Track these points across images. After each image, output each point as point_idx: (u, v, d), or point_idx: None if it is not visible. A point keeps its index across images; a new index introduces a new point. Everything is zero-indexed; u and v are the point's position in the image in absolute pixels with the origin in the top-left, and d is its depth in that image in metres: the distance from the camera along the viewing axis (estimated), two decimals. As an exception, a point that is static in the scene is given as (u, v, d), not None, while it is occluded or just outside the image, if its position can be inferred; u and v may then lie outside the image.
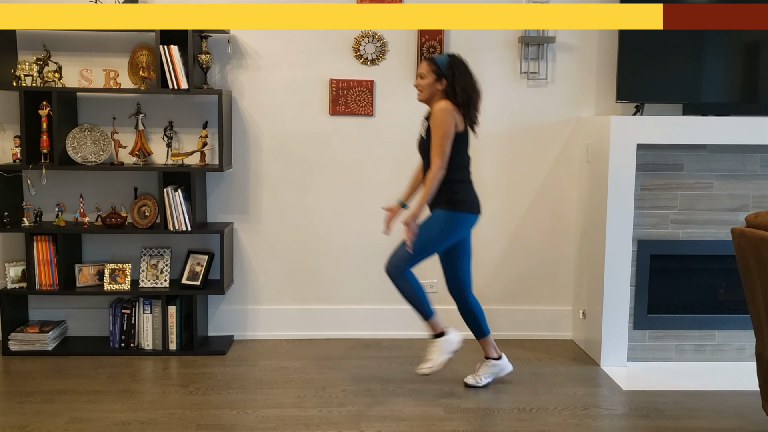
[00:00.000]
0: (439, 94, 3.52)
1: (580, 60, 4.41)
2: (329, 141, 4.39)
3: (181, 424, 3.26)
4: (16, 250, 4.30)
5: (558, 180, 4.49)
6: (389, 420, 3.34)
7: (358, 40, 4.33)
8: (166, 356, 4.14)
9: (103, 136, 4.17)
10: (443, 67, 3.49)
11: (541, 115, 4.44)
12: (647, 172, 4.07)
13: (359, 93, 4.35)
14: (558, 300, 4.57)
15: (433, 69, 3.51)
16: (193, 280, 4.22)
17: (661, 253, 4.13)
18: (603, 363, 4.08)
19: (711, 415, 3.46)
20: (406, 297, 3.59)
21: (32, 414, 3.35)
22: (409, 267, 3.56)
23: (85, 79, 4.13)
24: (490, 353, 3.79)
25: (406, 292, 3.58)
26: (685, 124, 4.00)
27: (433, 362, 3.63)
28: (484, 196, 4.46)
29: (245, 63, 4.32)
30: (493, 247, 4.52)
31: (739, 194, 4.12)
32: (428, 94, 3.54)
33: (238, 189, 4.40)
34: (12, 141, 4.17)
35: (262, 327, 4.47)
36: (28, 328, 4.18)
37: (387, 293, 4.51)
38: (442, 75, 3.49)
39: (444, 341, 3.65)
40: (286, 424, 3.28)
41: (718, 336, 4.19)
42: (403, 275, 3.55)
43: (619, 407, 3.55)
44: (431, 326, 3.66)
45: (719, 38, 4.15)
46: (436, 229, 3.56)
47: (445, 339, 3.66)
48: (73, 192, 4.30)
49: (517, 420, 3.36)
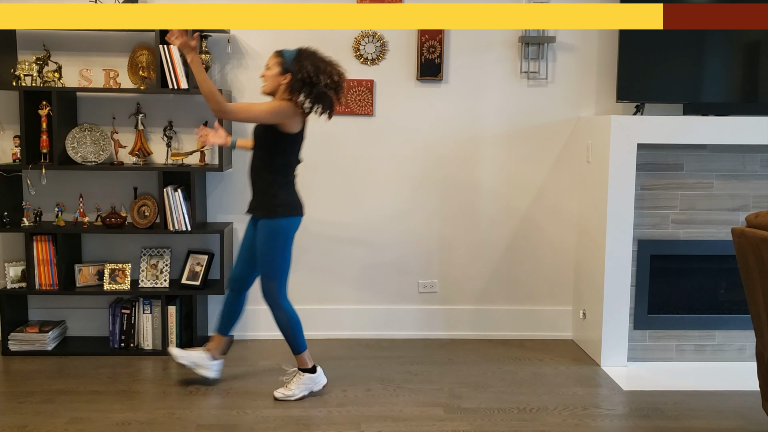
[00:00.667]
0: (283, 87, 3.42)
1: (580, 60, 4.41)
2: (329, 141, 4.39)
3: (181, 424, 3.26)
4: (15, 250, 4.30)
5: (558, 180, 4.48)
6: (389, 420, 3.34)
7: (358, 40, 4.33)
8: (166, 356, 4.13)
9: (103, 135, 4.17)
10: (289, 61, 3.40)
11: (541, 115, 4.44)
12: (647, 172, 4.07)
13: (359, 93, 4.35)
14: (558, 300, 4.57)
15: (278, 62, 3.41)
16: (193, 280, 4.22)
17: (661, 253, 4.13)
18: (603, 363, 4.07)
19: (711, 415, 3.46)
20: (281, 328, 3.55)
21: (32, 414, 3.35)
22: (282, 292, 3.52)
23: (85, 79, 4.13)
24: (215, 352, 3.71)
25: (283, 323, 3.53)
26: (685, 124, 4.00)
27: (291, 393, 3.55)
28: (484, 196, 4.49)
29: (245, 63, 4.32)
30: (493, 247, 4.52)
31: (739, 194, 4.12)
32: (271, 87, 3.44)
33: (238, 189, 4.39)
34: (12, 141, 4.17)
35: (262, 327, 4.47)
36: (28, 328, 4.18)
37: (387, 293, 4.53)
38: (287, 69, 3.40)
39: (310, 378, 3.59)
40: (286, 424, 3.28)
41: (718, 336, 4.19)
42: (280, 305, 3.51)
43: (620, 407, 3.54)
44: (301, 360, 3.58)
45: (719, 38, 4.15)
46: (278, 246, 3.47)
47: (312, 376, 3.59)
48: (72, 192, 4.30)
49: (517, 420, 3.36)
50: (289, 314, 3.54)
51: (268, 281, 3.51)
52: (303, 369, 3.59)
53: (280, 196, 3.46)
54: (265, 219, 3.47)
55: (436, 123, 4.40)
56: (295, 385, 3.58)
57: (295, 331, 3.55)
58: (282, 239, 3.48)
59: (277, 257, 3.49)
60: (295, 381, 3.59)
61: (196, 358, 3.71)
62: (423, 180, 4.44)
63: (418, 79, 4.35)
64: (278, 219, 3.46)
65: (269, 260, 3.48)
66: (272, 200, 3.45)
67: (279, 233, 3.47)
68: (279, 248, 3.49)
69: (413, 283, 4.51)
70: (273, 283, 3.50)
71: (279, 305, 3.52)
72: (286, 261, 3.53)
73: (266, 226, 3.47)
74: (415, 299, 4.53)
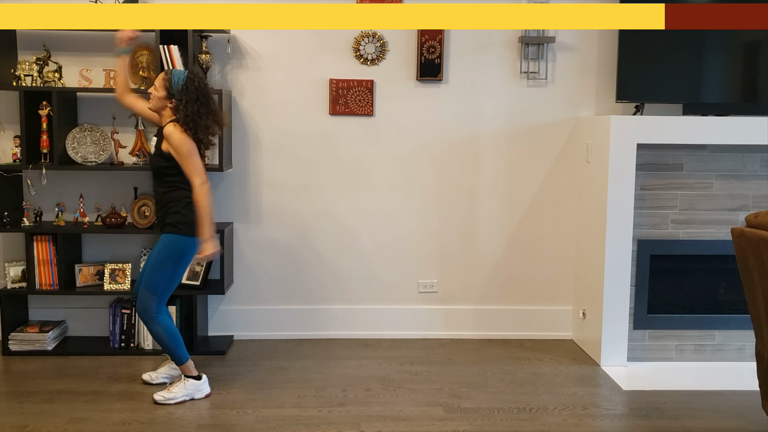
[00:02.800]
0: (167, 109, 3.45)
1: (580, 60, 4.41)
2: (329, 141, 4.39)
3: (181, 424, 3.26)
4: (16, 250, 4.30)
5: (558, 180, 4.49)
6: (389, 420, 3.34)
7: (358, 40, 4.33)
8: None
9: (103, 136, 4.17)
10: (175, 87, 3.39)
11: (541, 115, 4.44)
12: (647, 172, 4.08)
13: (359, 93, 4.35)
14: (558, 300, 4.57)
15: (165, 86, 3.42)
16: (193, 280, 4.22)
17: (661, 253, 4.13)
18: (603, 363, 4.08)
19: (711, 415, 3.46)
20: (159, 341, 3.52)
21: (32, 414, 3.35)
22: (159, 309, 3.49)
23: (85, 79, 4.13)
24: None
25: (159, 337, 3.50)
26: (685, 124, 4.00)
27: (172, 396, 3.50)
28: (484, 196, 4.49)
29: (245, 63, 4.32)
30: (493, 247, 4.52)
31: (739, 194, 4.12)
32: (157, 106, 3.47)
33: (238, 189, 4.40)
34: (12, 141, 4.17)
35: (262, 327, 4.47)
36: (28, 328, 4.18)
37: (387, 293, 4.53)
38: (171, 95, 3.41)
39: (194, 384, 3.56)
40: (286, 424, 3.28)
41: (718, 336, 4.19)
42: (156, 319, 3.48)
43: (619, 407, 3.55)
44: (186, 369, 3.57)
45: (719, 38, 4.15)
46: (171, 262, 3.45)
47: (196, 383, 3.56)
48: (73, 192, 4.30)
49: (517, 420, 3.36)
50: (166, 328, 3.49)
51: (148, 294, 3.47)
52: (188, 376, 3.57)
53: (188, 214, 3.45)
54: (172, 236, 3.45)
55: (436, 123, 4.40)
56: (178, 388, 3.53)
57: (173, 343, 3.51)
58: (182, 257, 3.47)
59: (169, 276, 3.48)
60: (179, 385, 3.55)
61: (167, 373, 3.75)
62: (423, 180, 4.44)
63: (418, 79, 4.36)
64: (186, 237, 3.44)
65: (159, 274, 3.45)
66: (180, 218, 3.44)
67: (182, 250, 3.46)
68: (176, 266, 3.48)
69: (413, 283, 4.51)
70: (154, 298, 3.46)
71: (155, 320, 3.48)
72: (175, 282, 3.53)
73: (171, 242, 3.45)
74: (415, 299, 4.53)
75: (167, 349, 3.53)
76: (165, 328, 3.50)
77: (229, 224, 4.34)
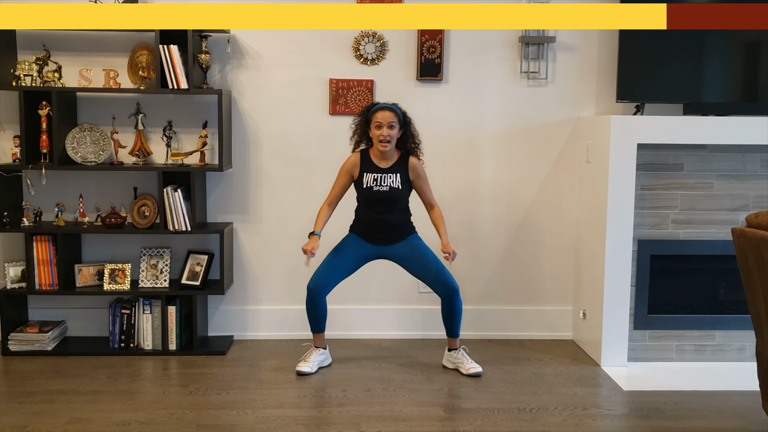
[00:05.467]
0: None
1: (580, 60, 4.40)
2: (329, 141, 4.39)
3: (181, 424, 3.26)
4: (15, 250, 4.30)
5: (558, 180, 4.48)
6: (389, 420, 3.34)
7: (358, 40, 4.33)
8: (166, 356, 4.13)
9: (102, 136, 4.17)
10: (400, 119, 3.84)
11: (541, 115, 4.44)
12: (647, 172, 4.07)
13: (359, 93, 4.35)
14: (558, 300, 4.57)
15: (398, 120, 3.82)
16: (193, 280, 4.21)
17: (661, 253, 4.13)
18: (603, 363, 4.07)
19: (711, 415, 3.46)
20: (459, 315, 3.96)
21: (32, 414, 3.34)
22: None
23: (85, 79, 4.13)
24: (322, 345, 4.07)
25: (460, 310, 3.96)
26: (685, 124, 4.00)
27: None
28: (484, 196, 4.48)
29: (245, 63, 4.32)
30: (493, 247, 4.52)
31: (739, 194, 4.12)
32: (394, 145, 3.87)
33: (237, 189, 4.39)
34: (12, 141, 4.17)
35: (262, 327, 4.47)
36: (27, 328, 4.17)
37: (387, 293, 4.53)
38: (399, 124, 3.83)
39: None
40: (286, 424, 3.28)
41: (718, 336, 4.19)
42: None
43: (620, 407, 3.54)
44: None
45: (719, 38, 4.15)
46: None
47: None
48: (72, 192, 4.30)
49: (517, 420, 3.36)
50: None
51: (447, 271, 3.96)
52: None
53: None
54: (415, 234, 4.01)
55: (436, 123, 4.40)
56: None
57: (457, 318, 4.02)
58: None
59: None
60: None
61: (319, 359, 4.00)
62: (423, 180, 4.44)
63: (418, 79, 4.35)
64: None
65: (434, 256, 3.97)
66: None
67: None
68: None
69: (413, 283, 4.50)
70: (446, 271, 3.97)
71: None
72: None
73: (418, 237, 4.01)
74: (415, 299, 4.53)
75: (459, 320, 3.97)
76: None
77: (228, 224, 4.34)
